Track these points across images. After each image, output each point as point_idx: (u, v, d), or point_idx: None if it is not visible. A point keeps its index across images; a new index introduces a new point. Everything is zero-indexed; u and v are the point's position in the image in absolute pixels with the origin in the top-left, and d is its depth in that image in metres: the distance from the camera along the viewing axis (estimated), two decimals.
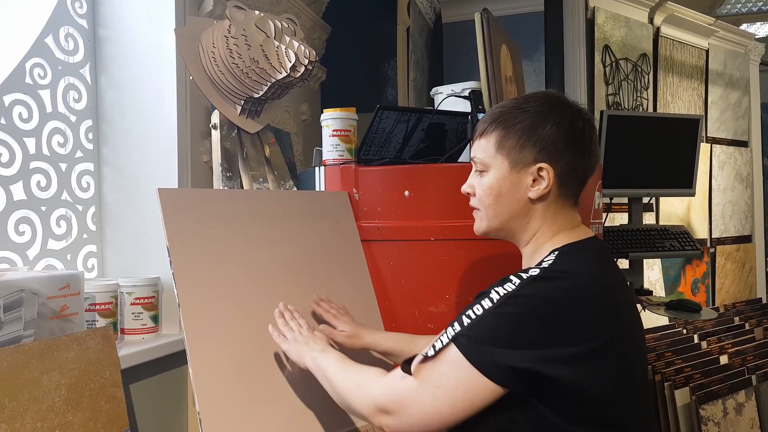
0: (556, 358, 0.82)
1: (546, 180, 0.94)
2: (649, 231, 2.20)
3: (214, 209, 1.17)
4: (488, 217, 1.00)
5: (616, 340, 0.86)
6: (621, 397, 0.88)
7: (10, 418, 0.98)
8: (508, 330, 0.83)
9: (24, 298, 1.05)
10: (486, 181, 0.98)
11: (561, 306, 0.84)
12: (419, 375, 0.87)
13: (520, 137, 0.95)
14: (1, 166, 1.35)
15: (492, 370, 0.83)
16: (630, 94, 3.12)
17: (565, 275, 0.87)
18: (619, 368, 0.87)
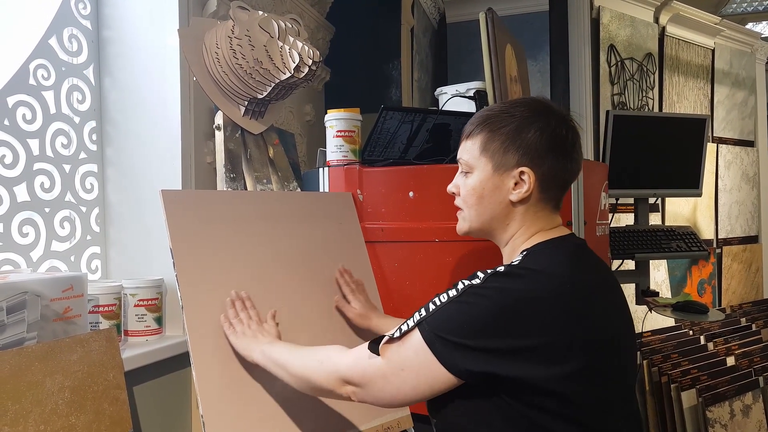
0: (508, 352, 0.84)
1: (527, 184, 0.96)
2: (655, 232, 2.18)
3: (217, 210, 1.16)
4: (470, 218, 1.02)
5: (581, 340, 0.86)
6: (594, 397, 0.87)
7: (13, 421, 0.97)
8: (465, 321, 0.86)
9: (27, 300, 1.05)
10: (470, 182, 1.01)
11: (519, 302, 0.85)
12: (385, 355, 0.91)
13: (504, 141, 0.97)
14: (5, 167, 1.34)
15: (450, 363, 0.86)
16: (635, 94, 3.10)
17: (528, 272, 0.89)
18: (587, 369, 0.86)
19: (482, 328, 0.84)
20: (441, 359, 0.86)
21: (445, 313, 0.87)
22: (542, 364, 0.84)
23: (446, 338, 0.85)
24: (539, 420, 0.86)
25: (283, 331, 1.18)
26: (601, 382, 0.88)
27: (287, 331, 1.19)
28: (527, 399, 0.85)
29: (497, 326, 0.84)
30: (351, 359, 0.94)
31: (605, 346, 0.90)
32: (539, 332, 0.84)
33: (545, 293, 0.86)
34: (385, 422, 1.23)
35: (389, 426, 1.23)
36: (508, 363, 0.84)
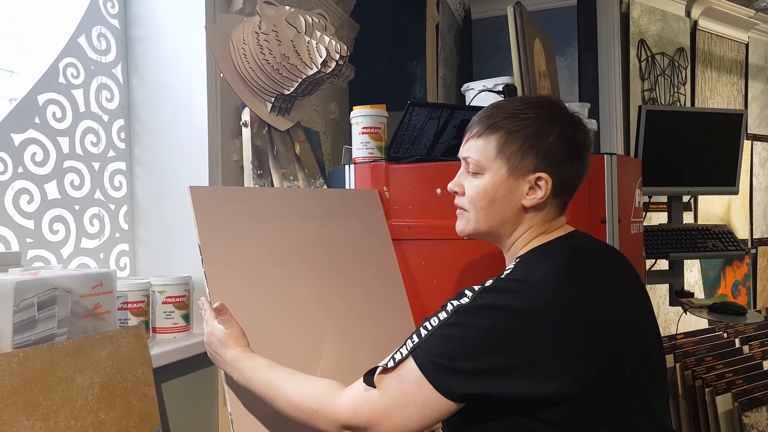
0: (504, 371, 0.80)
1: (543, 190, 0.93)
2: (690, 231, 2.13)
3: (245, 207, 1.16)
4: (477, 220, 0.98)
5: (578, 352, 0.81)
6: (602, 408, 0.83)
7: (44, 416, 0.98)
8: (457, 344, 0.82)
9: (58, 296, 1.05)
10: (480, 183, 0.96)
11: (509, 319, 0.81)
12: (384, 389, 0.87)
13: (523, 144, 0.93)
14: (36, 165, 1.36)
15: (448, 391, 0.83)
16: (667, 90, 3.03)
17: (517, 285, 0.85)
18: (589, 380, 0.81)
19: (474, 351, 0.81)
20: (438, 387, 0.83)
21: (437, 339, 0.84)
22: (538, 380, 0.80)
23: (440, 364, 0.82)
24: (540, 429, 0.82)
25: (309, 328, 1.17)
26: (610, 392, 0.84)
27: (313, 328, 1.18)
28: (536, 416, 0.82)
29: (488, 347, 0.81)
30: (351, 405, 0.89)
31: (607, 356, 0.84)
32: (532, 347, 0.80)
33: (535, 306, 0.82)
34: None
35: None
36: (503, 382, 0.80)
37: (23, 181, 1.33)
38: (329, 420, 0.90)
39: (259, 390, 0.97)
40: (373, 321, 1.27)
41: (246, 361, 1.00)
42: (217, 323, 1.04)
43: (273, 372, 0.97)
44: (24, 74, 1.38)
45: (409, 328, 1.33)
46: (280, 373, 0.97)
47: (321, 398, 0.92)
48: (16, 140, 1.32)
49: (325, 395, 0.92)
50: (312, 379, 0.96)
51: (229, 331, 1.03)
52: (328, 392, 0.92)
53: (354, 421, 0.88)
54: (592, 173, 1.29)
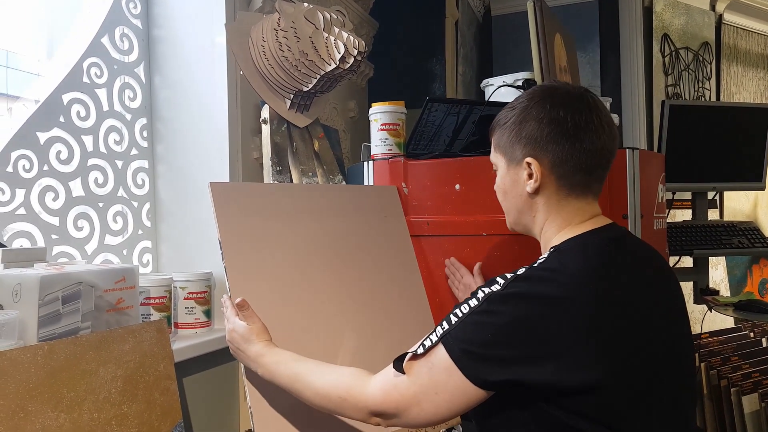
0: (534, 359, 0.80)
1: (536, 173, 0.95)
2: (715, 227, 2.09)
3: (264, 203, 1.16)
4: (506, 214, 1.05)
5: (609, 344, 0.81)
6: (631, 402, 0.83)
7: (68, 408, 1.00)
8: (489, 331, 0.82)
9: (82, 291, 1.07)
10: (497, 179, 1.04)
11: (542, 307, 0.81)
12: (412, 374, 0.87)
13: (510, 134, 0.98)
14: (61, 163, 1.38)
15: (477, 380, 0.82)
16: (691, 85, 2.98)
17: (550, 274, 0.84)
18: (620, 373, 0.81)
19: (506, 338, 0.81)
20: (468, 375, 0.82)
21: (469, 326, 0.84)
22: (568, 370, 0.79)
23: (471, 351, 0.82)
24: (577, 425, 0.81)
25: (328, 323, 1.18)
26: (638, 386, 0.83)
27: (332, 324, 1.18)
28: (563, 405, 0.81)
29: (520, 335, 0.81)
30: (379, 392, 0.89)
31: (637, 349, 0.84)
32: (564, 336, 0.80)
33: (568, 297, 0.81)
34: None
35: None
36: (535, 370, 0.80)
37: (48, 178, 1.35)
38: (358, 408, 0.90)
39: (284, 383, 0.98)
40: (392, 317, 1.27)
41: (270, 355, 1.00)
42: (238, 320, 1.05)
43: (298, 364, 0.98)
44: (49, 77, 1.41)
45: (428, 324, 1.33)
46: (305, 364, 0.98)
47: (349, 386, 0.92)
48: (42, 138, 1.34)
49: (353, 383, 0.92)
50: (338, 368, 0.97)
51: (251, 327, 1.04)
52: (355, 380, 0.92)
53: (383, 407, 0.88)
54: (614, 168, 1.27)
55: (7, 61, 1.41)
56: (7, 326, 0.95)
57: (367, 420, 0.90)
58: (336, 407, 0.93)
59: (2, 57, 1.40)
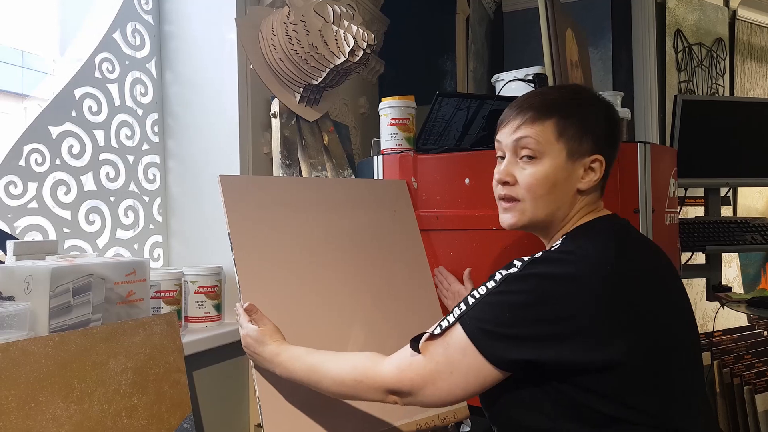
0: (552, 338, 0.81)
1: (598, 172, 0.95)
2: (727, 223, 2.06)
3: (274, 196, 1.17)
4: (534, 209, 0.96)
5: (624, 322, 0.82)
6: (646, 380, 0.84)
7: (79, 399, 1.00)
8: (507, 310, 0.83)
9: (92, 283, 1.08)
10: (540, 169, 0.94)
11: (559, 286, 0.82)
12: (428, 354, 0.88)
13: (579, 127, 0.94)
14: (73, 157, 1.40)
15: (494, 358, 0.83)
16: (704, 81, 2.95)
17: (567, 256, 0.86)
18: (634, 352, 0.82)
19: (524, 316, 0.82)
20: (485, 354, 0.83)
21: (486, 305, 0.85)
22: (586, 348, 0.80)
23: (489, 330, 0.83)
24: (593, 404, 0.82)
25: (337, 317, 1.18)
26: (653, 363, 0.84)
27: (340, 318, 1.18)
28: (578, 383, 0.82)
29: (538, 313, 0.82)
30: (395, 371, 0.90)
31: (651, 329, 0.85)
32: (582, 315, 0.81)
33: (585, 276, 0.83)
34: (441, 412, 1.21)
35: (445, 416, 1.21)
36: (552, 349, 0.81)
37: (60, 172, 1.36)
38: (374, 387, 0.91)
39: (302, 377, 0.99)
40: (401, 311, 1.27)
41: (285, 353, 1.01)
42: (250, 324, 1.06)
43: (312, 356, 0.99)
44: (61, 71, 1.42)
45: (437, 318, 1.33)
46: (319, 355, 0.99)
47: (364, 368, 0.93)
48: (54, 133, 1.35)
49: (368, 364, 0.93)
50: (352, 354, 0.99)
51: (263, 329, 1.05)
52: (370, 361, 0.94)
53: (399, 385, 0.89)
54: (625, 162, 1.27)
55: (23, 62, 1.43)
56: (19, 317, 0.96)
57: (384, 399, 0.91)
58: (353, 391, 0.94)
59: (17, 57, 1.42)
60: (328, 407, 1.07)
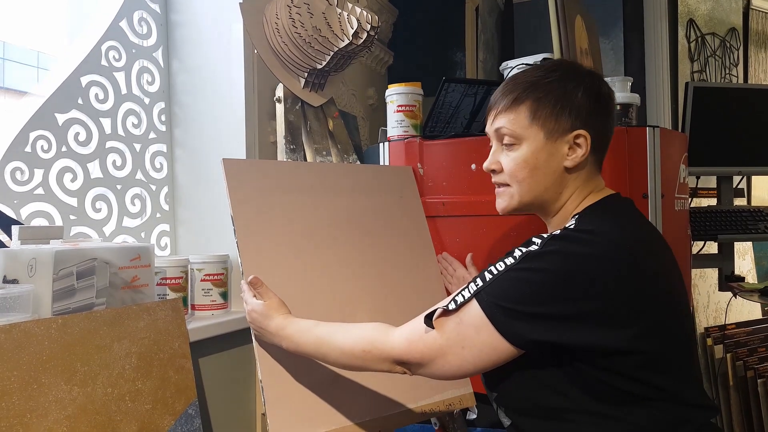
0: (573, 317, 0.80)
1: (583, 147, 0.93)
2: (740, 212, 2.03)
3: (278, 180, 1.16)
4: (521, 193, 0.96)
5: (644, 298, 0.83)
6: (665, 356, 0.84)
7: (82, 382, 1.00)
8: (527, 288, 0.82)
9: (96, 267, 1.08)
10: (519, 154, 0.95)
11: (580, 265, 0.82)
12: (442, 329, 0.87)
13: (555, 105, 0.93)
14: (79, 144, 1.40)
15: (513, 335, 0.82)
16: (718, 71, 2.91)
17: (586, 234, 0.85)
18: (655, 327, 0.83)
19: (545, 295, 0.81)
20: (503, 332, 0.82)
21: (505, 282, 0.84)
22: (609, 326, 0.80)
23: (508, 307, 0.82)
24: (612, 382, 0.82)
25: (342, 302, 1.17)
26: (669, 340, 0.85)
27: (345, 303, 1.17)
28: (598, 364, 0.82)
29: (560, 291, 0.81)
30: (404, 342, 0.89)
31: (666, 304, 0.86)
32: (603, 293, 0.80)
33: (605, 254, 0.82)
34: (446, 398, 1.19)
35: (450, 402, 1.19)
36: (573, 328, 0.80)
37: (67, 159, 1.37)
38: (382, 357, 0.91)
39: (310, 350, 0.98)
40: (407, 298, 1.26)
41: (291, 326, 1.00)
42: (254, 299, 1.05)
43: (320, 328, 0.98)
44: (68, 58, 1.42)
45: None
46: (327, 327, 0.98)
47: (372, 338, 0.92)
48: (60, 120, 1.36)
49: (377, 335, 0.93)
50: (360, 325, 0.98)
51: (268, 303, 1.04)
52: (378, 332, 0.93)
53: (407, 357, 0.89)
54: (634, 146, 1.25)
55: (38, 62, 1.43)
56: (22, 299, 0.96)
57: (391, 369, 0.91)
58: (360, 362, 0.93)
59: (34, 57, 1.43)
60: (331, 391, 1.07)
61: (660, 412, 0.83)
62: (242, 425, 1.50)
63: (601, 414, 0.83)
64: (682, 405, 0.84)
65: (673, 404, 0.84)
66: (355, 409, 1.07)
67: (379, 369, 0.93)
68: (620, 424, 0.83)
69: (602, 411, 0.83)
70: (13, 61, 1.38)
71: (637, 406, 0.83)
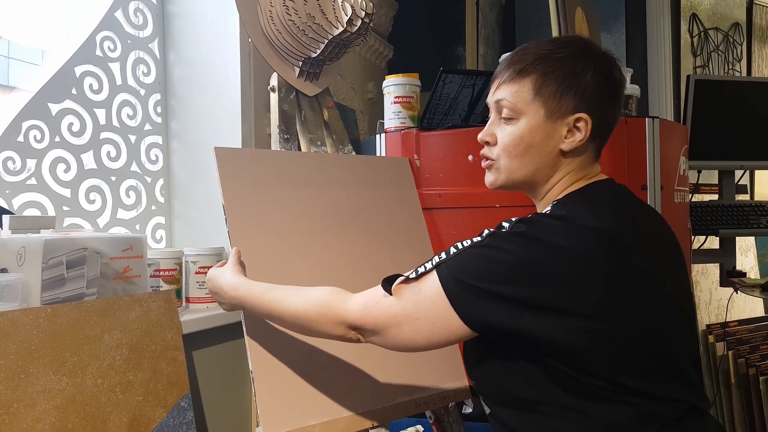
0: (531, 303, 0.77)
1: (582, 132, 0.87)
2: (742, 207, 2.01)
3: (271, 170, 1.14)
4: (510, 169, 0.91)
5: (612, 294, 0.78)
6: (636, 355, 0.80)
7: (71, 372, 0.99)
8: (488, 266, 0.79)
9: (87, 257, 1.07)
10: (516, 129, 0.89)
11: (546, 252, 0.78)
12: (399, 296, 0.84)
13: (561, 84, 0.87)
14: (73, 135, 1.39)
15: (466, 314, 0.79)
16: (721, 67, 2.88)
17: (558, 221, 0.81)
18: (621, 324, 0.78)
19: (503, 275, 0.78)
20: (456, 307, 0.79)
21: (467, 257, 0.81)
22: (569, 317, 0.76)
23: (466, 282, 0.79)
24: (583, 378, 0.79)
25: None
26: (641, 342, 0.80)
27: None
28: (565, 358, 0.79)
29: (518, 275, 0.77)
30: (359, 307, 0.87)
31: (643, 302, 0.81)
32: (566, 284, 0.76)
33: (575, 244, 0.78)
34: (442, 391, 1.18)
35: (446, 395, 1.18)
36: (527, 316, 0.77)
37: (60, 150, 1.36)
38: (336, 321, 0.88)
39: (264, 310, 0.96)
40: None
41: (245, 286, 0.98)
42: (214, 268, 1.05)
43: (274, 290, 0.96)
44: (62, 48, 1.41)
45: None
46: (281, 289, 0.96)
47: (329, 302, 0.90)
48: (54, 110, 1.34)
49: (333, 298, 0.90)
50: (315, 288, 0.94)
51: (224, 265, 1.03)
52: (335, 295, 0.90)
53: (361, 322, 0.86)
54: (633, 137, 1.23)
55: (43, 60, 1.42)
56: (10, 288, 0.95)
57: (345, 335, 0.88)
58: (315, 325, 0.90)
59: (38, 56, 1.42)
60: (324, 383, 1.05)
61: (630, 406, 0.80)
62: (237, 418, 1.49)
63: (571, 407, 0.80)
64: (654, 400, 0.81)
65: (643, 399, 0.80)
66: (348, 401, 1.06)
67: (332, 334, 0.90)
68: (590, 418, 0.80)
69: (571, 404, 0.80)
70: (18, 60, 1.38)
71: (606, 401, 0.80)
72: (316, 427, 1.01)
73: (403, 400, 1.12)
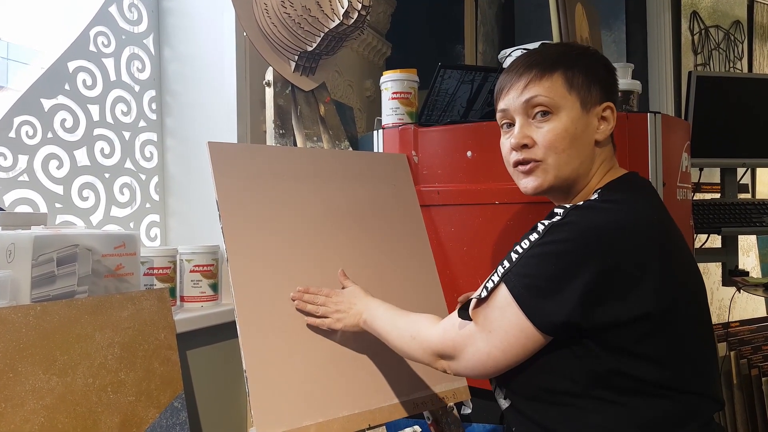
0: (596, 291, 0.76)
1: (611, 121, 0.91)
2: (744, 205, 1.99)
3: (266, 165, 1.12)
4: (559, 165, 0.89)
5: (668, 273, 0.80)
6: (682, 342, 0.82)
7: (61, 371, 0.97)
8: (551, 265, 0.78)
9: (78, 254, 1.04)
10: (558, 124, 0.88)
11: (606, 233, 0.78)
12: (476, 320, 0.84)
13: (586, 76, 0.90)
14: (66, 131, 1.36)
15: (539, 318, 0.78)
16: (722, 65, 2.87)
17: (611, 204, 0.83)
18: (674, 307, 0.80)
19: (570, 264, 0.77)
20: (529, 313, 0.78)
21: (531, 259, 0.80)
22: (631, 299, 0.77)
23: (534, 285, 0.78)
24: (626, 369, 0.79)
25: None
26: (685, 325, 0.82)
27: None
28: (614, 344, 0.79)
29: (581, 257, 0.77)
30: (440, 332, 0.89)
31: (687, 284, 0.84)
32: (628, 263, 0.77)
33: (632, 223, 0.80)
34: (440, 392, 1.16)
35: (444, 396, 1.16)
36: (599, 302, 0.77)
37: (52, 146, 1.33)
38: (422, 347, 0.91)
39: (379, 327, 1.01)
40: (400, 288, 1.22)
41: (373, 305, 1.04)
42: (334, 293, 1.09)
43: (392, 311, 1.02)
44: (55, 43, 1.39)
45: (437, 295, 1.28)
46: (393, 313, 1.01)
47: (419, 327, 0.94)
48: (46, 105, 1.32)
49: (423, 325, 0.94)
50: (419, 314, 0.99)
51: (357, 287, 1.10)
52: (426, 322, 0.94)
53: (442, 347, 0.88)
54: (635, 132, 1.21)
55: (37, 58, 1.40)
56: None
57: (433, 363, 0.91)
58: (408, 347, 0.95)
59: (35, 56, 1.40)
60: (319, 383, 1.03)
61: (667, 401, 0.80)
62: (231, 419, 1.47)
63: (607, 400, 0.80)
64: (692, 396, 0.81)
65: (681, 395, 0.80)
66: (344, 400, 1.04)
67: (424, 360, 0.93)
68: (623, 410, 0.80)
69: (608, 397, 0.80)
70: (18, 62, 1.36)
71: (647, 395, 0.80)
72: (311, 427, 0.99)
73: (400, 400, 1.10)
